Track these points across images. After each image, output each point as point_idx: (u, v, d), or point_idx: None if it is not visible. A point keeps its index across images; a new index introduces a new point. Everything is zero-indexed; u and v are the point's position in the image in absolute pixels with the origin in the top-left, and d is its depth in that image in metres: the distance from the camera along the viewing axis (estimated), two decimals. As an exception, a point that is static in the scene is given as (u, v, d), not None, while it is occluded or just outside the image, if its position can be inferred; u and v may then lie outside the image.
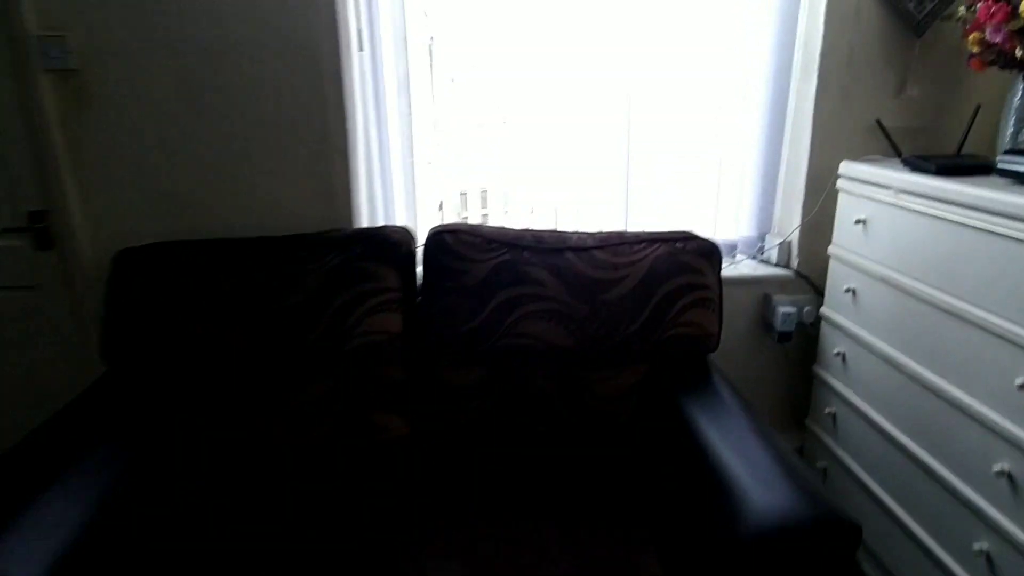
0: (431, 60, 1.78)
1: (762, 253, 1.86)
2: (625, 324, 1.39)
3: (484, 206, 1.91)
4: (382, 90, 1.68)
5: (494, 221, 1.83)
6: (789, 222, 1.81)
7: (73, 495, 1.06)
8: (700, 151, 1.77)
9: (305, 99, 1.54)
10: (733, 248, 1.84)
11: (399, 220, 1.79)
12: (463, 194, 1.94)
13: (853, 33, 1.63)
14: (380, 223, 1.77)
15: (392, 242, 1.46)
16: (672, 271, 1.42)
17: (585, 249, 1.45)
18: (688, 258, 1.43)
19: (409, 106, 1.72)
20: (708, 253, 1.45)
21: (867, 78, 1.66)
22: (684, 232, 1.52)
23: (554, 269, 1.42)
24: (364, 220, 1.72)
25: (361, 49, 1.62)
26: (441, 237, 1.46)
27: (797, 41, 1.72)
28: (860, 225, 1.53)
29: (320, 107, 1.55)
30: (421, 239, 1.54)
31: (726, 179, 1.80)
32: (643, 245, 1.45)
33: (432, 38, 1.80)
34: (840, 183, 1.61)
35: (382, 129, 1.71)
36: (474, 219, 1.89)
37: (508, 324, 1.39)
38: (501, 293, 1.40)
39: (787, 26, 1.69)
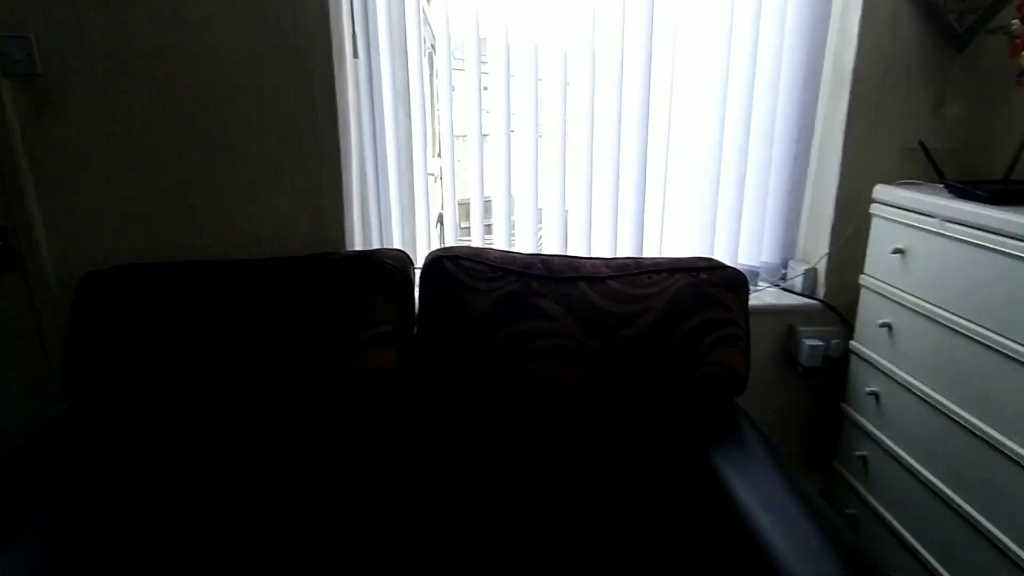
0: (432, 69, 1.65)
1: (785, 280, 1.73)
2: (644, 364, 1.26)
3: (488, 216, 1.78)
4: (378, 99, 1.55)
5: (498, 231, 1.68)
6: (815, 248, 1.68)
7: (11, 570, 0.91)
8: (719, 169, 1.64)
9: (293, 109, 1.41)
10: (755, 275, 1.71)
11: (396, 239, 1.66)
12: (463, 204, 1.81)
13: (889, 47, 1.51)
14: (375, 243, 1.64)
15: (386, 269, 1.32)
16: (695, 305, 1.28)
17: (600, 279, 1.32)
18: (713, 290, 1.30)
19: (408, 116, 1.59)
20: (734, 285, 1.32)
21: (903, 95, 1.54)
22: (707, 259, 1.39)
23: (566, 301, 1.28)
24: (357, 240, 1.58)
25: (355, 56, 1.49)
26: (440, 263, 1.32)
27: (827, 54, 1.59)
28: (898, 255, 1.40)
29: (309, 117, 1.42)
30: (421, 258, 1.40)
31: (747, 200, 1.67)
32: (663, 275, 1.32)
33: (433, 46, 1.67)
34: (874, 208, 1.48)
35: (378, 141, 1.57)
36: (476, 229, 1.73)
37: (514, 362, 1.26)
38: (507, 328, 1.26)
39: (816, 38, 1.57)
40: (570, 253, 1.69)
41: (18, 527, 0.98)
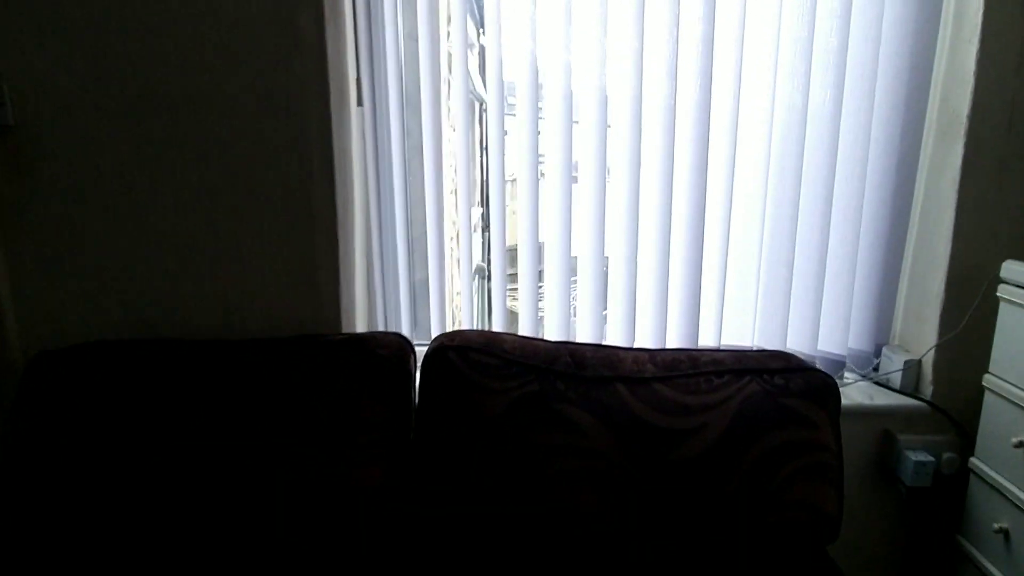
0: (450, 116, 1.44)
1: (878, 372, 1.40)
2: (701, 500, 0.96)
3: (512, 265, 1.53)
4: (386, 152, 1.34)
5: (524, 289, 1.41)
6: (918, 334, 1.35)
7: None
8: (795, 232, 1.34)
9: (285, 165, 1.21)
10: (839, 366, 1.38)
11: (404, 313, 1.42)
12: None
13: (1014, 87, 1.21)
14: (379, 318, 1.41)
15: (378, 359, 1.08)
16: (770, 421, 0.99)
17: (643, 381, 1.04)
18: (793, 402, 1.00)
19: (421, 169, 1.37)
20: (821, 393, 1.02)
21: (1035, 147, 1.23)
22: (781, 356, 1.10)
23: (599, 409, 1.01)
24: (359, 315, 1.36)
25: (360, 104, 1.29)
26: (444, 355, 1.08)
27: (932, 95, 1.30)
28: (1042, 355, 1.07)
29: (303, 174, 1.21)
30: (435, 333, 1.17)
31: (831, 271, 1.36)
32: (726, 378, 1.03)
33: (450, 84, 1.46)
34: (1003, 290, 1.16)
35: (384, 200, 1.36)
36: (497, 289, 1.47)
37: (530, 488, 0.98)
38: (522, 442, 1.00)
39: (917, 76, 1.28)
40: (608, 335, 1.42)
41: None
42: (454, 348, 1.08)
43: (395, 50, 1.29)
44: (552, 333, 1.40)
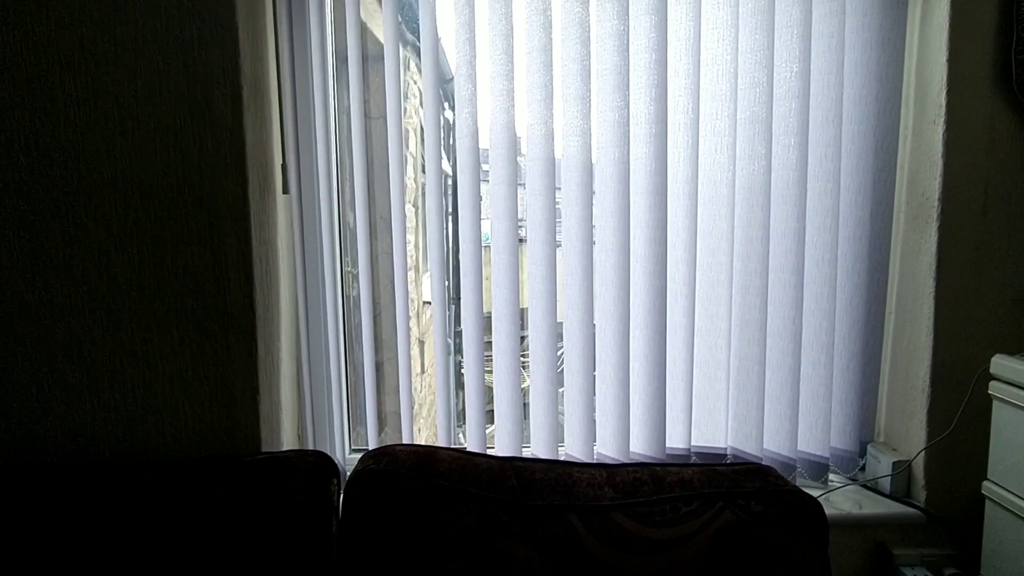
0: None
1: (864, 472, 1.27)
2: (670, 662, 0.81)
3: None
4: (319, 243, 1.22)
5: (471, 376, 1.26)
6: (906, 432, 1.23)
7: None
8: (765, 324, 1.23)
9: (198, 261, 1.08)
10: (823, 469, 1.25)
11: (336, 423, 1.27)
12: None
13: (987, 168, 1.14)
14: (309, 431, 1.24)
15: (290, 489, 0.92)
16: (746, 562, 0.84)
17: (600, 510, 0.89)
18: (772, 534, 0.86)
19: (355, 259, 1.25)
20: (806, 522, 0.88)
21: (1014, 229, 1.15)
22: (756, 469, 0.97)
23: (549, 547, 0.86)
24: (286, 428, 1.21)
25: (285, 191, 1.17)
26: (369, 483, 0.92)
27: (899, 177, 1.23)
28: (1045, 465, 0.95)
29: (216, 272, 1.08)
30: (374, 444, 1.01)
31: (807, 364, 1.24)
32: (695, 505, 0.89)
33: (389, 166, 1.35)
34: (995, 388, 1.05)
35: (310, 295, 1.22)
36: (440, 381, 1.31)
37: (468, 652, 0.82)
38: (458, 593, 0.84)
39: (882, 156, 1.21)
40: (565, 438, 1.27)
41: None
42: (380, 473, 0.93)
43: (325, 132, 1.19)
44: (502, 435, 1.25)
